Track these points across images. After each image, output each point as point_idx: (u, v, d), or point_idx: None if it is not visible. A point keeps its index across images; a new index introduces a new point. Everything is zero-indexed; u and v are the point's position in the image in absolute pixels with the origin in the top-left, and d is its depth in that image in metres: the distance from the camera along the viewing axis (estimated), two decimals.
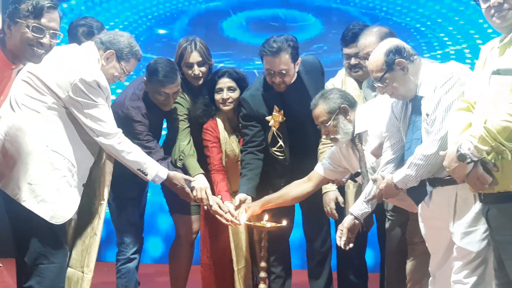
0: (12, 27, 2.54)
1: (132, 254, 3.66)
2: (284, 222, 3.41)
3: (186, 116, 3.69)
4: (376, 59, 2.81)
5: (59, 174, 2.85)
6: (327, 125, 3.18)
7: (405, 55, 2.77)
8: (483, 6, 2.42)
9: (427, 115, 2.75)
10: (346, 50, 3.65)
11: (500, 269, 2.41)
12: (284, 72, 3.45)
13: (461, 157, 2.30)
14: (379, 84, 2.84)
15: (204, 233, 3.77)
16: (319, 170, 3.43)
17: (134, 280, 3.70)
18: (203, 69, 3.65)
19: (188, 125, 3.68)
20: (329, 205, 3.60)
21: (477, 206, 2.63)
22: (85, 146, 3.00)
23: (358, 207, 3.16)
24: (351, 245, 3.17)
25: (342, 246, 3.16)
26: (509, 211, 2.31)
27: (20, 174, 2.77)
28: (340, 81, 3.74)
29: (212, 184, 3.63)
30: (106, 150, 3.06)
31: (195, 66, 3.62)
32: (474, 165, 2.31)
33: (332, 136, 3.20)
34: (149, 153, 3.37)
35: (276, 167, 3.68)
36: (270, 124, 3.58)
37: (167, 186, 3.60)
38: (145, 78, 3.55)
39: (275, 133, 3.59)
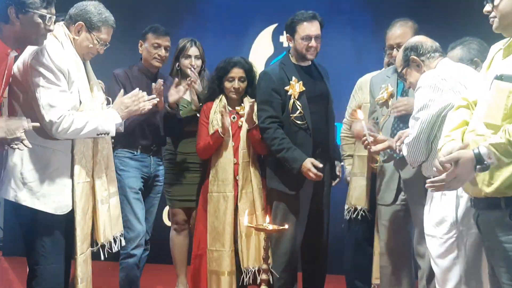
0: (21, 16, 2.61)
1: (132, 249, 3.76)
2: (286, 226, 3.42)
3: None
4: (399, 54, 3.08)
5: (51, 167, 2.85)
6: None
7: (420, 52, 2.95)
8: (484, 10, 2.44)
9: None
10: None
11: (494, 274, 2.40)
12: (318, 37, 3.72)
13: (481, 169, 2.20)
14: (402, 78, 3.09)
15: (199, 226, 3.84)
16: None
17: (133, 276, 3.83)
18: (198, 62, 4.11)
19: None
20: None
21: (442, 213, 2.74)
22: None
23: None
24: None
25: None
26: (496, 218, 2.28)
27: (12, 175, 2.79)
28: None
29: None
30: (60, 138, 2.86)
31: (193, 58, 4.09)
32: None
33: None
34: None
35: (301, 137, 3.71)
36: (289, 93, 3.71)
37: (169, 179, 4.01)
38: (140, 41, 4.04)
39: (295, 103, 3.71)
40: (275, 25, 5.36)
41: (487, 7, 2.32)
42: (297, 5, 3.80)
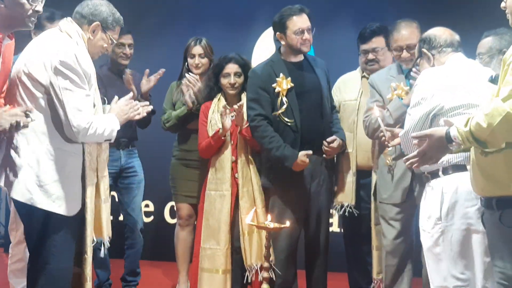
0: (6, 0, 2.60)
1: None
2: (287, 223, 3.45)
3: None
4: (416, 45, 3.13)
5: (66, 170, 2.84)
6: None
7: (432, 45, 2.96)
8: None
9: None
10: (364, 46, 3.94)
11: None
12: (310, 29, 3.70)
13: (453, 147, 2.36)
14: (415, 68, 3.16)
15: (200, 224, 3.84)
16: None
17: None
18: (204, 60, 4.13)
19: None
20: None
21: (429, 208, 2.80)
22: None
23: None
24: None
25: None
26: (491, 217, 2.32)
27: (28, 176, 2.75)
28: (355, 75, 4.04)
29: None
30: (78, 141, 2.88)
31: (197, 57, 4.13)
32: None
33: None
34: None
35: (289, 135, 3.69)
36: (276, 90, 3.69)
37: (174, 175, 4.09)
38: None
39: (282, 99, 3.69)
40: None
41: (502, 4, 2.37)
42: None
